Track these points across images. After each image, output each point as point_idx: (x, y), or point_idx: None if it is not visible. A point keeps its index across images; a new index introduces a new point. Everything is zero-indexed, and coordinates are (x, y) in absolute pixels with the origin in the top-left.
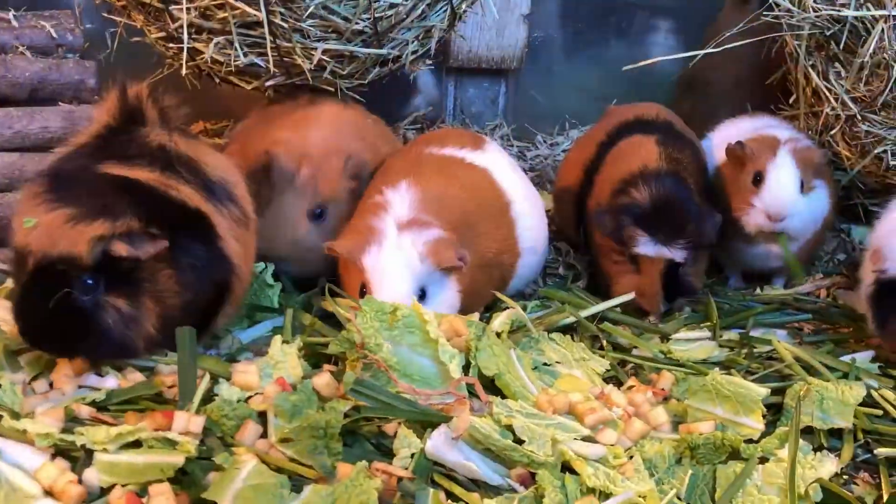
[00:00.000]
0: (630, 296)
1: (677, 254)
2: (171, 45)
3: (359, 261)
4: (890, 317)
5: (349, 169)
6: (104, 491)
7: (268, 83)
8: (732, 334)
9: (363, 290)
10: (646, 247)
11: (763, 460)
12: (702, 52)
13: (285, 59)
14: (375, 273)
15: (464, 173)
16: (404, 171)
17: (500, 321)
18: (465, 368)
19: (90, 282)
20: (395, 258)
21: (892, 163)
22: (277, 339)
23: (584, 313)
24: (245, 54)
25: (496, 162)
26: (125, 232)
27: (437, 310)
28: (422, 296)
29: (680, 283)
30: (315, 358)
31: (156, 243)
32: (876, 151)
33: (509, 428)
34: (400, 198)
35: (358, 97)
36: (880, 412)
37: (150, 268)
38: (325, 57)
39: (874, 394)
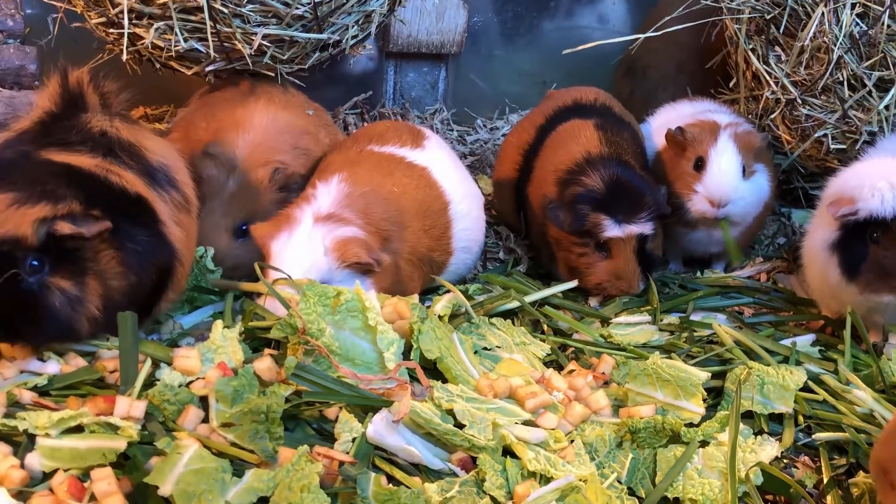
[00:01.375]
0: (573, 283)
1: (645, 227)
2: (111, 30)
3: (267, 245)
4: (861, 260)
5: (277, 181)
6: (46, 476)
7: (208, 68)
8: (673, 318)
9: None
10: (614, 229)
11: (703, 444)
12: (642, 35)
13: (226, 44)
14: (277, 258)
15: (402, 172)
16: (341, 167)
17: (441, 305)
18: (408, 351)
19: (35, 263)
20: (300, 247)
21: (832, 146)
22: (218, 323)
23: (529, 298)
24: (185, 39)
25: (437, 160)
26: (67, 214)
27: None
28: None
29: (649, 257)
30: (257, 342)
31: (99, 223)
32: (816, 135)
33: (450, 412)
34: (327, 192)
35: (298, 82)
36: (820, 398)
37: (94, 249)
38: (265, 42)
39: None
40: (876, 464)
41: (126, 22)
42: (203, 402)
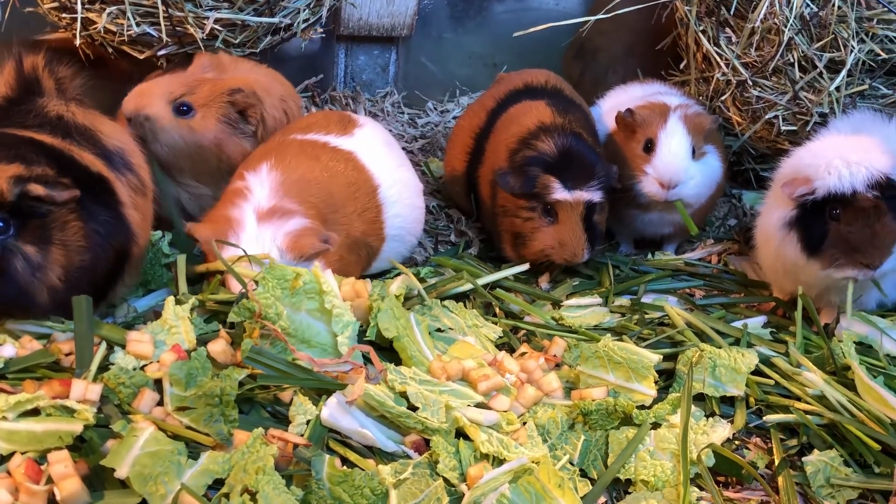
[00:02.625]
0: (525, 266)
1: (595, 194)
2: (64, 14)
3: (217, 252)
4: (822, 237)
5: (234, 98)
6: (3, 458)
7: (160, 52)
8: (624, 301)
9: (224, 282)
10: (563, 192)
11: (655, 426)
12: (592, 18)
13: (178, 28)
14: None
15: (327, 157)
16: (265, 155)
17: (395, 286)
18: (364, 331)
19: (1, 224)
20: (251, 251)
21: (783, 128)
22: (170, 300)
23: (481, 281)
24: (138, 24)
25: (365, 146)
26: (41, 176)
27: None
28: None
29: (595, 228)
30: (214, 317)
31: (69, 191)
32: (767, 117)
33: (404, 395)
34: (260, 183)
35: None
36: (772, 381)
37: (61, 219)
38: (217, 26)
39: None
40: None
41: (79, 6)
42: (158, 385)
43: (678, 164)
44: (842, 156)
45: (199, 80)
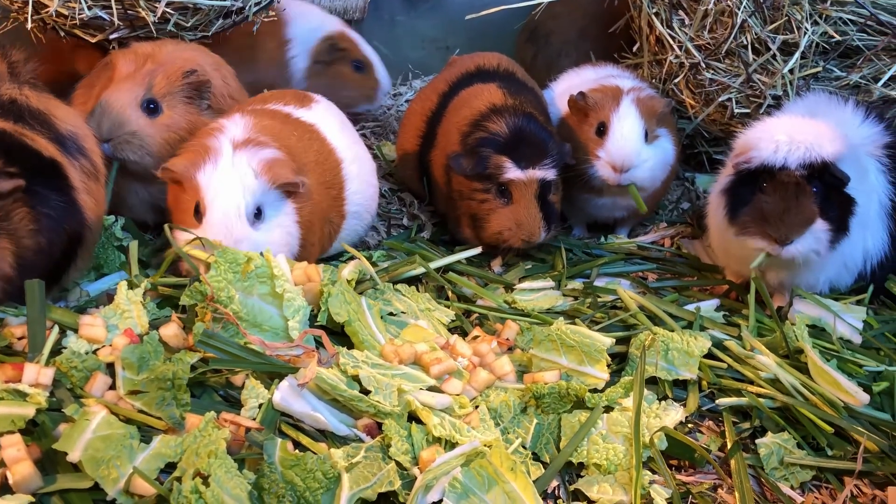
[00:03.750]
0: (478, 249)
1: (548, 172)
2: None
3: (193, 178)
4: (741, 205)
5: (191, 79)
6: None
7: (112, 36)
8: (577, 284)
9: (198, 210)
10: (515, 171)
11: (608, 409)
12: (545, 1)
13: (129, 11)
14: (209, 190)
15: (293, 125)
16: (235, 111)
17: (348, 270)
18: (316, 315)
19: None
20: (230, 175)
21: (736, 111)
22: (123, 285)
23: (434, 265)
24: (89, 7)
25: (325, 120)
26: None
27: (275, 235)
28: (258, 214)
29: (551, 207)
30: (166, 302)
31: (13, 180)
32: (720, 99)
33: (356, 378)
34: (235, 124)
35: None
36: (725, 365)
37: (7, 208)
38: (168, 9)
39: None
40: None
41: None
42: (110, 368)
43: (631, 148)
44: (789, 133)
45: (149, 73)
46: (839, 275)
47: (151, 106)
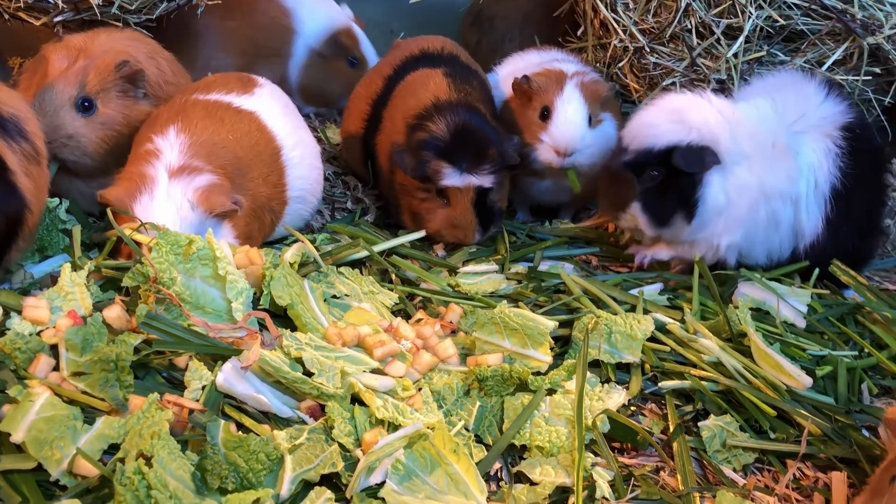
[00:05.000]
0: (421, 233)
1: (485, 180)
2: None
3: (130, 210)
4: (607, 190)
5: (124, 72)
6: None
7: (56, 19)
8: (521, 268)
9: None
10: (452, 178)
11: (551, 392)
12: None
13: None
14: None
15: (232, 118)
16: (171, 118)
17: (291, 253)
18: (259, 298)
19: None
20: (166, 207)
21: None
22: (67, 267)
23: (377, 248)
24: None
25: (267, 106)
26: None
27: None
28: None
29: (491, 209)
30: (109, 284)
31: None
32: (664, 84)
33: (299, 360)
34: (170, 145)
35: (146, 32)
36: (668, 348)
37: None
38: None
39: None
40: None
41: None
42: (54, 350)
43: (574, 132)
44: (638, 123)
45: (81, 70)
46: (749, 244)
47: (86, 104)
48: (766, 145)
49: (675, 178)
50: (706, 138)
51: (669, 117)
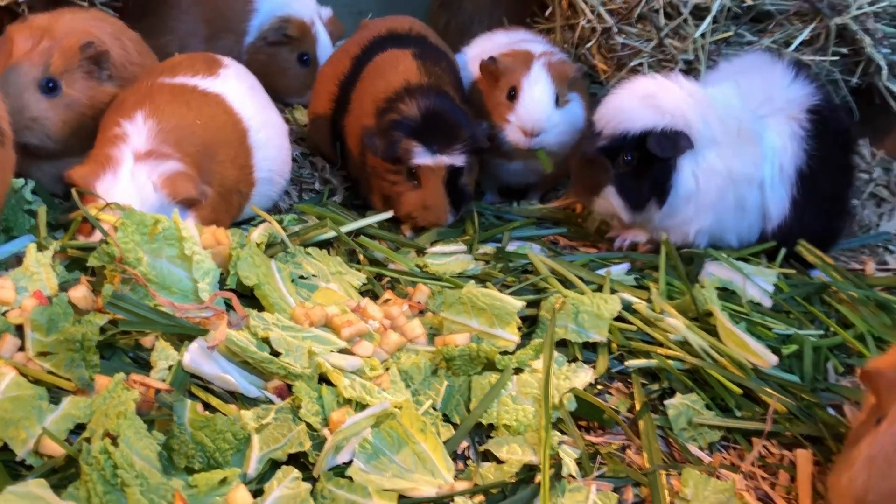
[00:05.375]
0: (389, 213)
1: (457, 159)
2: None
3: (92, 188)
4: (580, 175)
5: (89, 53)
6: None
7: None
8: (489, 248)
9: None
10: (424, 157)
11: (518, 371)
12: None
13: None
14: (105, 200)
15: (198, 102)
16: (139, 103)
17: (258, 233)
18: (225, 279)
19: None
20: (128, 187)
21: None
22: (32, 247)
23: (345, 228)
24: None
25: (232, 88)
26: None
27: None
28: None
29: (462, 191)
30: (75, 264)
31: None
32: (632, 64)
33: (266, 340)
34: (137, 130)
35: (111, 12)
36: (634, 327)
37: None
38: None
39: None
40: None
41: None
42: (19, 330)
43: (541, 112)
44: (609, 108)
45: (46, 51)
46: (720, 229)
47: (50, 85)
48: (734, 131)
49: (648, 162)
50: (679, 123)
51: (642, 102)
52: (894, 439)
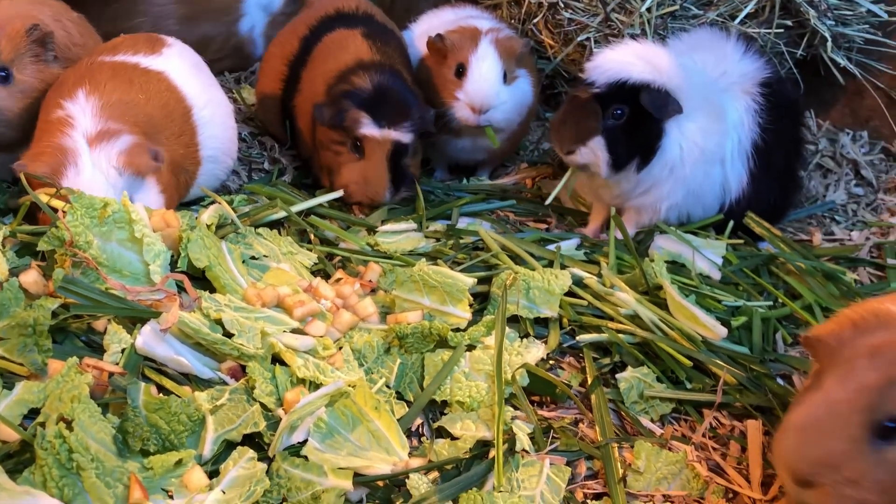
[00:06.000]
0: (339, 193)
1: (403, 136)
2: None
3: (58, 186)
4: (567, 121)
5: (35, 36)
6: None
7: None
8: (439, 226)
9: None
10: (371, 128)
11: (470, 348)
12: None
13: None
14: None
15: (141, 79)
16: (79, 81)
17: (208, 214)
18: (176, 261)
19: None
20: (95, 178)
21: (595, 50)
22: None
23: (296, 208)
24: None
25: (175, 66)
26: None
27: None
28: None
29: (404, 171)
30: (25, 250)
31: None
32: (579, 39)
33: (219, 322)
34: (81, 110)
35: None
36: (585, 302)
37: None
38: None
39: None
40: (797, 475)
41: None
42: None
43: (489, 89)
44: (609, 56)
45: None
46: (688, 205)
47: (3, 74)
48: (707, 104)
49: (638, 120)
50: (672, 84)
51: (639, 58)
52: (827, 407)
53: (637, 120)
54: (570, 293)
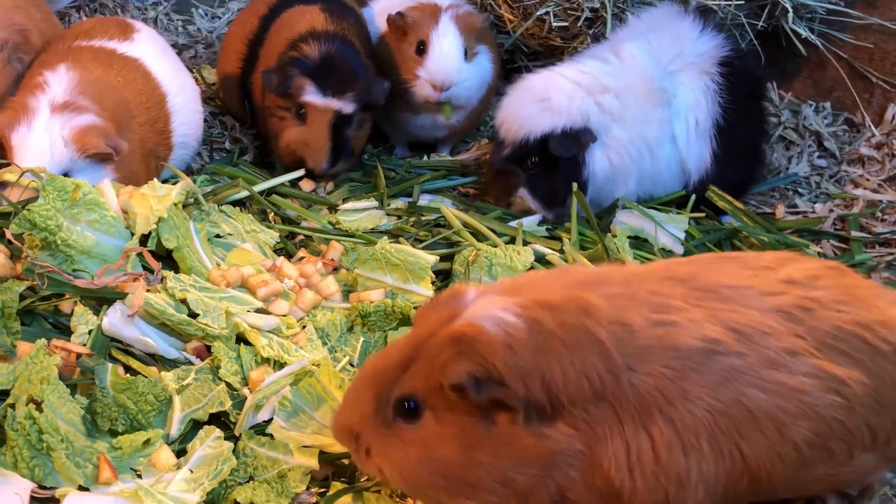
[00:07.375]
0: (301, 172)
1: (347, 105)
2: None
3: (6, 136)
4: (494, 183)
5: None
6: None
7: None
8: (400, 203)
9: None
10: (314, 95)
11: None
12: None
13: None
14: (19, 152)
15: (118, 64)
16: (62, 58)
17: (176, 192)
18: (146, 240)
19: None
20: (40, 139)
21: (554, 24)
22: None
23: (258, 188)
24: None
25: (148, 52)
26: None
27: None
28: None
29: (346, 142)
30: None
31: None
32: (538, 13)
33: (184, 302)
34: (58, 80)
35: None
36: None
37: None
38: None
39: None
40: (345, 430)
41: None
42: None
43: (451, 66)
44: (509, 113)
45: None
46: (645, 187)
47: None
48: (640, 96)
49: (556, 160)
50: (577, 120)
51: (537, 106)
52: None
53: (554, 161)
54: (532, 269)
